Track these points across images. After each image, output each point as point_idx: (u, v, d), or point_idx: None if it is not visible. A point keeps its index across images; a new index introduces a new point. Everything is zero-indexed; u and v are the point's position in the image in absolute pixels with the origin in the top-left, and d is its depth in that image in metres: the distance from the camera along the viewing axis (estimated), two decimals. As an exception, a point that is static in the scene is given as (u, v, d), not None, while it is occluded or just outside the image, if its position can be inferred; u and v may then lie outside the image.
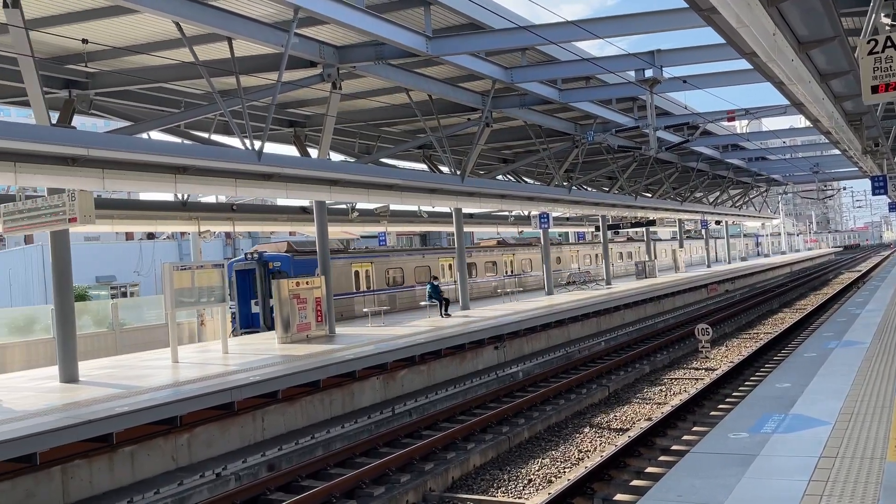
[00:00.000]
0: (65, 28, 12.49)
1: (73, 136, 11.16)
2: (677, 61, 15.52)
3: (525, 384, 16.92)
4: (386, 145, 23.57)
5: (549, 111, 21.97)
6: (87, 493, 10.22)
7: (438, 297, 23.59)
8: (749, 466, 6.21)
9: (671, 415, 12.86)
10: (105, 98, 15.94)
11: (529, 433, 12.71)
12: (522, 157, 28.32)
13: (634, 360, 19.64)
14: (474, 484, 10.41)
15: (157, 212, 23.12)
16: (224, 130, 19.42)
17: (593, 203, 30.74)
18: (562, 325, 23.54)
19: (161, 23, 12.50)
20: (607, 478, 9.90)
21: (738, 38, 8.86)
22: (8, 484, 9.46)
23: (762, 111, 22.70)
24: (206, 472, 10.81)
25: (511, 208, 32.68)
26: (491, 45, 14.34)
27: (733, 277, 44.82)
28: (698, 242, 61.79)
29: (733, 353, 20.50)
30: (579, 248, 44.23)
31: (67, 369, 14.22)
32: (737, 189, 50.09)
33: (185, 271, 16.82)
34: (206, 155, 13.47)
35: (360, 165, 18.62)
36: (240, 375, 13.51)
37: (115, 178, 12.28)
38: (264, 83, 14.83)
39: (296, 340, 18.68)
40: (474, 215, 36.06)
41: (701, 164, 34.21)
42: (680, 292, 34.88)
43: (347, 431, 13.10)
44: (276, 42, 12.55)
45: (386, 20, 12.84)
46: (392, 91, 18.38)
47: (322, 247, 20.65)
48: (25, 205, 13.19)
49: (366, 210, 28.79)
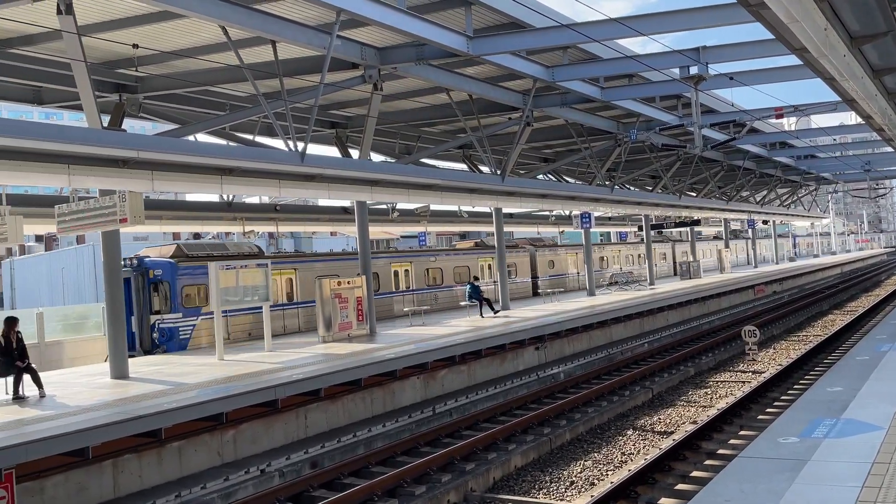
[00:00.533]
0: (115, 33, 12.82)
1: (124, 139, 11.45)
2: (723, 57, 15.24)
3: (566, 385, 16.79)
4: (426, 145, 23.64)
5: (590, 109, 21.77)
6: (136, 486, 10.47)
7: (478, 297, 23.56)
8: (799, 472, 6.06)
9: (717, 418, 12.63)
10: (153, 101, 16.31)
11: (571, 435, 12.61)
12: (563, 156, 28.11)
13: (679, 361, 19.34)
14: (515, 485, 10.38)
15: (203, 212, 23.65)
16: (268, 132, 19.71)
17: (636, 202, 30.35)
18: (604, 326, 23.30)
19: (207, 27, 12.74)
20: (651, 481, 9.76)
21: (788, 34, 8.64)
22: (61, 477, 9.75)
23: (811, 108, 22.12)
24: (250, 469, 10.98)
25: (552, 208, 32.49)
26: (532, 44, 14.26)
27: (781, 278, 43.83)
28: (741, 242, 60.56)
29: (781, 355, 20.04)
30: (620, 248, 43.71)
31: (118, 366, 14.58)
32: (785, 188, 48.95)
33: (230, 270, 17.11)
34: (250, 156, 13.69)
35: (401, 166, 18.71)
36: (283, 373, 13.69)
37: (163, 180, 12.56)
38: (307, 85, 15.00)
39: (337, 339, 18.85)
40: (514, 215, 35.93)
41: (748, 162, 33.49)
42: (726, 293, 34.24)
43: (388, 430, 13.18)
44: (319, 44, 12.68)
45: (427, 21, 12.88)
46: (432, 91, 18.43)
47: (363, 247, 20.80)
48: (78, 206, 13.57)
49: (406, 210, 28.94)
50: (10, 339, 12.39)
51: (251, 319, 20.43)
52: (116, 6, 12.01)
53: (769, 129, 27.50)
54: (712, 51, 15.10)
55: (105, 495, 10.14)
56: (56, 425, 10.12)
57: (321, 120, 20.08)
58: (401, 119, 20.95)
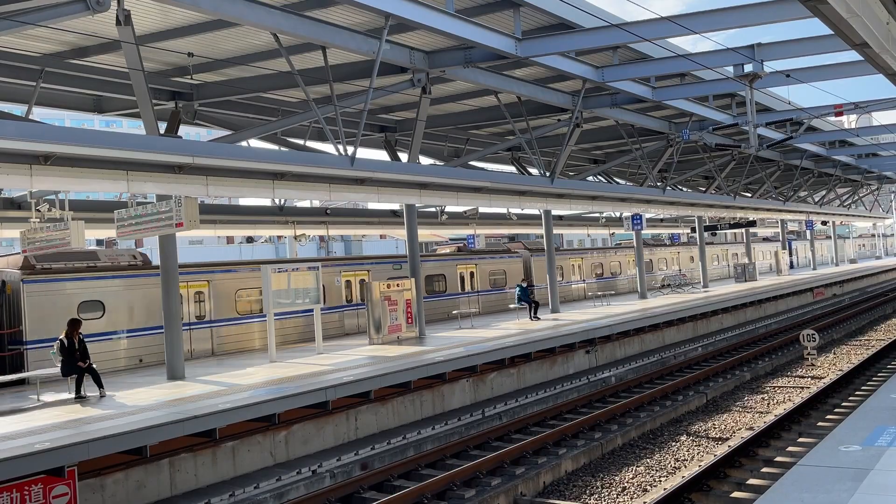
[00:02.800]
0: (171, 42, 13.18)
1: (180, 146, 11.76)
2: (779, 55, 14.84)
3: (618, 389, 16.55)
4: (475, 148, 23.64)
5: (641, 110, 21.47)
6: (192, 485, 10.72)
7: (528, 299, 23.43)
8: (862, 482, 5.84)
9: (774, 424, 12.28)
10: (208, 108, 16.71)
11: (623, 440, 12.43)
12: (614, 157, 27.78)
13: (734, 366, 18.88)
14: (566, 490, 10.26)
15: (255, 216, 24.13)
16: (318, 137, 19.99)
17: (689, 203, 29.78)
18: (656, 329, 22.91)
19: (260, 34, 13.00)
20: (706, 488, 9.54)
21: (848, 29, 8.36)
22: (121, 474, 10.04)
23: (873, 105, 21.38)
24: (302, 469, 11.12)
25: (602, 209, 32.12)
26: (582, 45, 14.13)
27: (841, 281, 42.43)
28: (798, 244, 58.83)
29: (842, 360, 19.38)
30: (678, 249, 42.91)
31: (174, 366, 14.95)
32: (845, 187, 47.40)
33: (283, 273, 17.38)
34: (302, 161, 13.90)
35: (449, 169, 18.75)
36: (334, 375, 13.84)
37: (217, 185, 12.86)
38: (356, 90, 15.17)
39: (387, 342, 18.98)
40: (563, 217, 35.62)
41: (805, 161, 32.55)
42: (783, 296, 33.32)
43: (438, 433, 13.19)
44: (368, 49, 12.81)
45: (475, 23, 12.88)
46: (481, 94, 18.42)
47: (412, 249, 20.89)
48: (136, 211, 13.98)
49: (454, 212, 28.97)
50: (73, 340, 12.83)
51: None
52: (172, 16, 12.35)
53: (828, 127, 26.70)
54: (768, 48, 14.73)
55: (162, 493, 10.40)
56: (115, 424, 10.42)
57: (370, 124, 20.27)
58: (449, 122, 20.99)
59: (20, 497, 8.75)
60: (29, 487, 8.84)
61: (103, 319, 17.06)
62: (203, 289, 19.19)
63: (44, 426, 10.57)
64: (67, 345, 12.76)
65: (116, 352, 17.26)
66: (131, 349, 17.51)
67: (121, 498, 9.99)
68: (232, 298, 19.68)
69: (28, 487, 8.83)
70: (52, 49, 13.34)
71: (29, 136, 9.89)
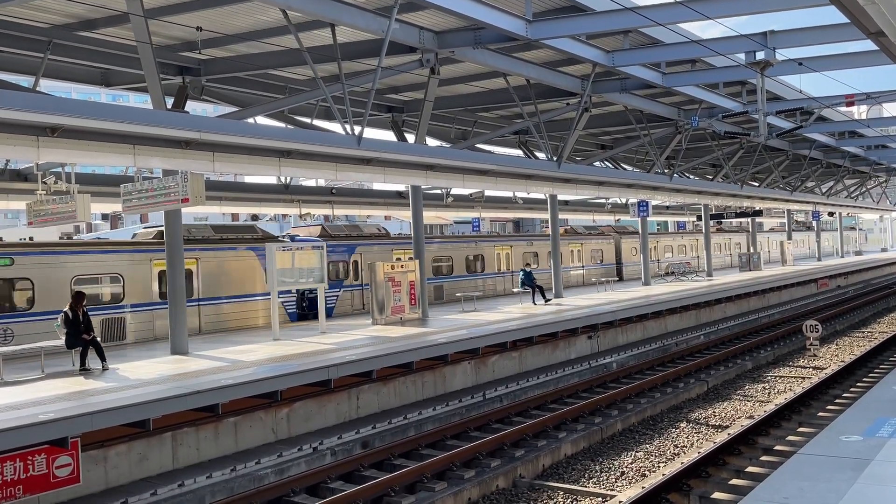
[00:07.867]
0: (180, 17, 13.09)
1: (187, 121, 11.71)
2: (792, 42, 14.66)
3: (619, 375, 16.60)
4: (482, 131, 23.51)
5: (651, 95, 21.28)
6: (194, 459, 10.80)
7: (531, 283, 23.43)
8: (862, 472, 5.85)
9: (775, 413, 12.31)
10: (215, 84, 16.62)
11: (623, 425, 12.47)
12: (622, 142, 27.60)
13: (736, 355, 18.89)
14: (565, 473, 10.32)
15: (261, 194, 24.10)
16: (325, 116, 19.88)
17: (696, 191, 29.61)
18: (659, 316, 22.91)
19: (268, 10, 12.89)
20: (705, 475, 9.58)
21: (865, 17, 8.25)
22: (124, 447, 10.12)
23: (885, 95, 21.16)
24: (303, 446, 11.20)
25: (609, 195, 31.96)
26: (592, 28, 13.99)
27: (846, 272, 42.32)
28: (803, 235, 58.60)
29: (844, 351, 19.38)
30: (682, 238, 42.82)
31: (177, 341, 15.01)
32: (853, 178, 47.09)
33: (286, 252, 17.38)
34: (308, 139, 13.83)
35: (456, 150, 18.65)
36: (337, 354, 13.88)
37: (224, 161, 12.81)
38: (364, 69, 15.07)
39: (390, 322, 19.01)
40: (569, 202, 35.50)
41: (814, 151, 32.30)
42: (787, 286, 33.26)
43: (439, 414, 13.25)
44: (377, 28, 12.70)
45: (486, 4, 12.75)
46: (489, 76, 18.29)
47: (417, 231, 20.86)
48: (142, 185, 13.97)
49: (460, 195, 28.89)
50: (77, 312, 12.88)
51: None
52: (181, -10, 12.25)
53: (838, 117, 26.43)
54: (780, 35, 14.55)
55: (164, 466, 10.49)
56: (119, 397, 10.49)
57: (378, 104, 20.15)
58: (457, 104, 20.86)
59: (23, 466, 8.82)
60: (32, 457, 8.91)
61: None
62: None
63: (48, 397, 10.65)
64: (72, 317, 12.81)
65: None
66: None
67: (123, 470, 10.07)
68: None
69: (31, 457, 8.90)
70: (59, 21, 13.26)
71: (36, 108, 9.84)
